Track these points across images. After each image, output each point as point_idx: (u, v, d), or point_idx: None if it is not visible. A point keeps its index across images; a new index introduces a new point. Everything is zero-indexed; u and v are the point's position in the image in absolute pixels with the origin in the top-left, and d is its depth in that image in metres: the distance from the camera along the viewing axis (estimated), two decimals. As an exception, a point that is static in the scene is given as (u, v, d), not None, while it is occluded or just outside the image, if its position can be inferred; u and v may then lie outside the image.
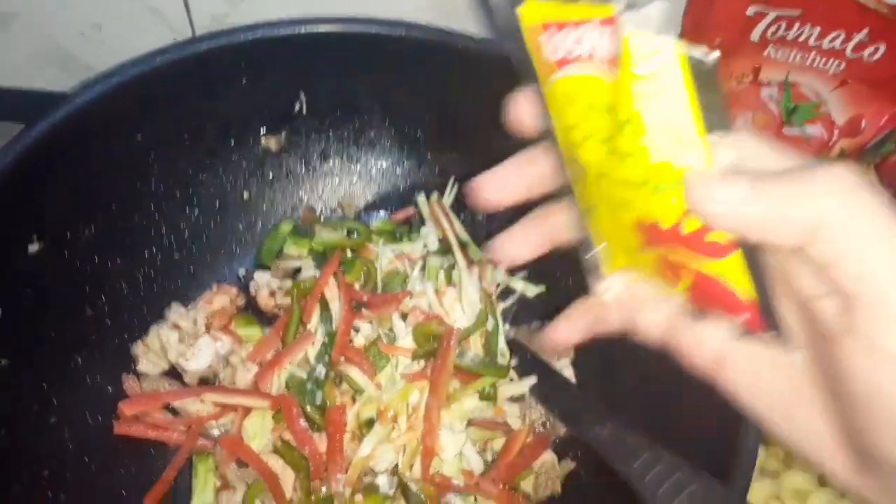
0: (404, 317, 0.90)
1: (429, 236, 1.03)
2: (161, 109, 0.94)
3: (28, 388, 0.84)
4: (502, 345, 0.90)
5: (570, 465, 0.88)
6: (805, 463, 0.93)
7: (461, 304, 0.89)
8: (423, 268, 0.96)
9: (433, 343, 0.85)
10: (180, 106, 0.96)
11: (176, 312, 0.96)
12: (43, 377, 0.86)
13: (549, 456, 0.89)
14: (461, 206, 1.08)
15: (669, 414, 0.79)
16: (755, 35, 1.08)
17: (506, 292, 1.00)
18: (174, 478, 0.89)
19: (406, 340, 0.86)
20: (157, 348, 0.94)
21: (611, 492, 0.81)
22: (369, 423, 0.85)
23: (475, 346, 0.88)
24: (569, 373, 0.94)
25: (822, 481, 0.91)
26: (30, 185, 0.83)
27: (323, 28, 0.95)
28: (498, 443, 0.90)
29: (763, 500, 0.92)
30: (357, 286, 0.99)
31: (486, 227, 1.07)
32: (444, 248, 1.00)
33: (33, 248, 0.86)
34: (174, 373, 0.97)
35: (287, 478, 0.87)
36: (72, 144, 0.86)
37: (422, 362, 0.86)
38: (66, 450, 0.85)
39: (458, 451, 0.83)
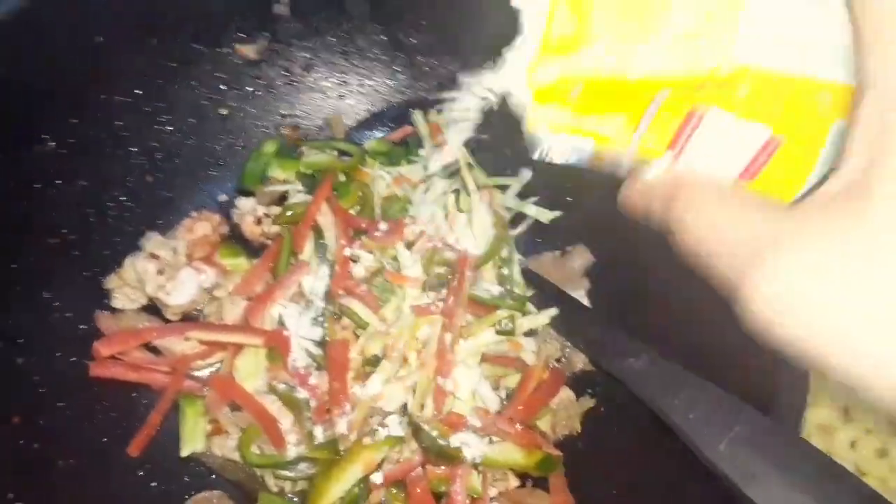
0: (409, 245, 0.83)
1: (430, 158, 0.95)
2: (124, 6, 0.84)
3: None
4: (517, 275, 0.84)
5: (589, 402, 0.84)
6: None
7: (472, 230, 0.82)
8: (426, 192, 0.88)
9: (444, 273, 0.79)
10: (145, 4, 0.86)
11: (153, 241, 0.88)
12: (5, 312, 0.78)
13: (566, 393, 0.85)
14: (464, 124, 1.00)
15: (705, 348, 0.75)
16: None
17: (516, 220, 0.94)
18: (160, 423, 0.83)
19: (414, 270, 0.80)
20: (133, 281, 0.86)
21: (634, 429, 0.78)
22: (375, 361, 0.79)
23: (489, 276, 0.82)
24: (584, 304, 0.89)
25: (848, 416, 0.89)
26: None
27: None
28: (510, 379, 0.85)
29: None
30: (353, 213, 0.92)
31: (492, 150, 1.00)
32: (447, 171, 0.93)
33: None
34: (153, 308, 0.89)
35: (285, 420, 0.81)
36: (20, 46, 0.76)
37: (431, 294, 0.80)
38: (37, 394, 0.78)
39: (472, 389, 0.78)
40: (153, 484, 0.81)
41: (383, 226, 0.86)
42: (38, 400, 0.77)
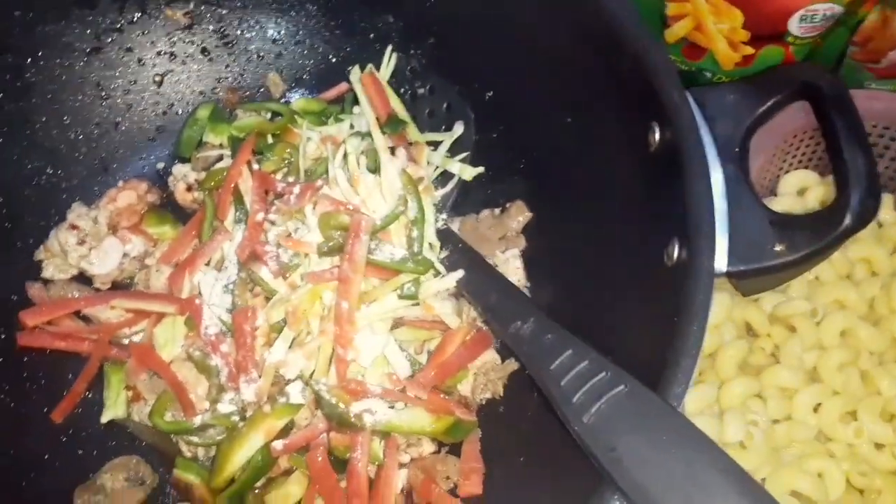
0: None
1: (360, 116, 0.90)
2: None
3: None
4: (431, 237, 0.79)
5: (513, 365, 0.80)
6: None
7: (381, 191, 0.77)
8: (346, 155, 0.84)
9: (341, 237, 0.75)
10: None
11: (75, 212, 0.88)
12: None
13: (490, 356, 0.80)
14: (401, 80, 0.95)
15: (617, 318, 0.69)
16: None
17: (448, 178, 0.89)
18: (85, 390, 0.84)
19: (314, 235, 0.76)
20: (59, 252, 0.86)
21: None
22: (281, 329, 0.76)
23: (397, 239, 0.77)
24: (517, 263, 0.84)
25: (813, 376, 0.81)
26: None
27: None
28: (437, 343, 0.81)
29: (742, 398, 0.81)
30: (280, 175, 0.89)
31: (429, 102, 0.94)
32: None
33: None
34: (85, 278, 0.89)
35: (201, 387, 0.80)
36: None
37: (330, 260, 0.76)
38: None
39: (378, 355, 0.74)
40: (76, 450, 0.81)
41: (297, 189, 0.82)
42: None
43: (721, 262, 0.60)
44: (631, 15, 0.71)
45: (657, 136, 0.66)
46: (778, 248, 0.61)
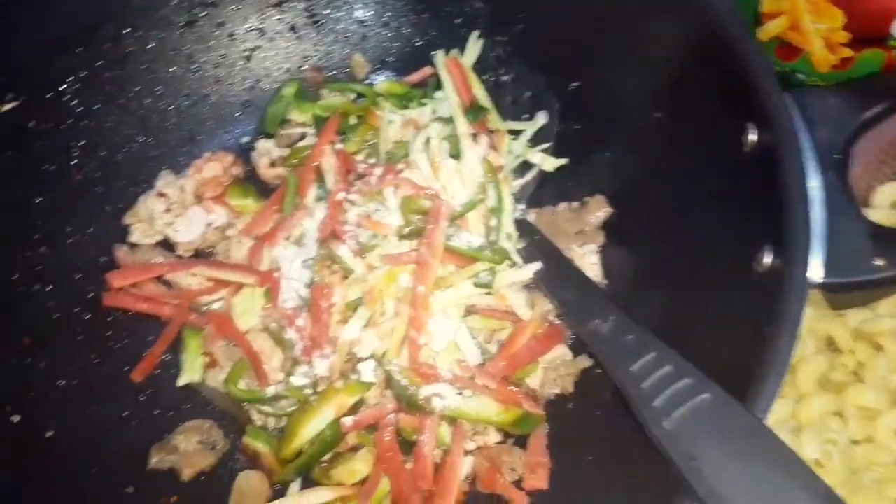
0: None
1: (443, 101, 0.90)
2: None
3: (10, 254, 0.81)
4: (509, 226, 0.79)
5: (585, 362, 0.79)
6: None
7: (461, 177, 0.77)
8: (428, 140, 0.84)
9: (421, 221, 0.75)
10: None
11: (163, 180, 0.90)
12: (28, 243, 0.83)
13: (562, 350, 0.80)
14: (485, 66, 0.94)
15: (697, 323, 0.67)
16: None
17: (528, 168, 0.88)
18: (163, 352, 0.86)
19: (393, 217, 0.76)
20: (146, 218, 0.89)
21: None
22: (357, 307, 0.77)
23: (475, 227, 0.77)
24: (593, 259, 0.83)
25: (897, 400, 0.77)
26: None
27: None
28: (506, 334, 0.81)
29: (820, 415, 0.78)
30: (362, 156, 0.89)
31: (512, 90, 0.93)
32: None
33: (7, 106, 0.81)
34: (170, 245, 0.92)
35: (276, 358, 0.82)
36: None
37: (409, 243, 0.76)
38: (50, 319, 0.83)
39: (450, 340, 0.75)
40: (153, 410, 0.84)
41: (378, 171, 0.82)
42: (49, 325, 0.82)
43: (816, 273, 0.58)
44: (731, 12, 0.69)
45: (753, 137, 0.64)
46: (878, 262, 0.59)
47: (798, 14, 0.89)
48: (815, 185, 0.62)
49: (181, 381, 0.84)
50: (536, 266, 0.76)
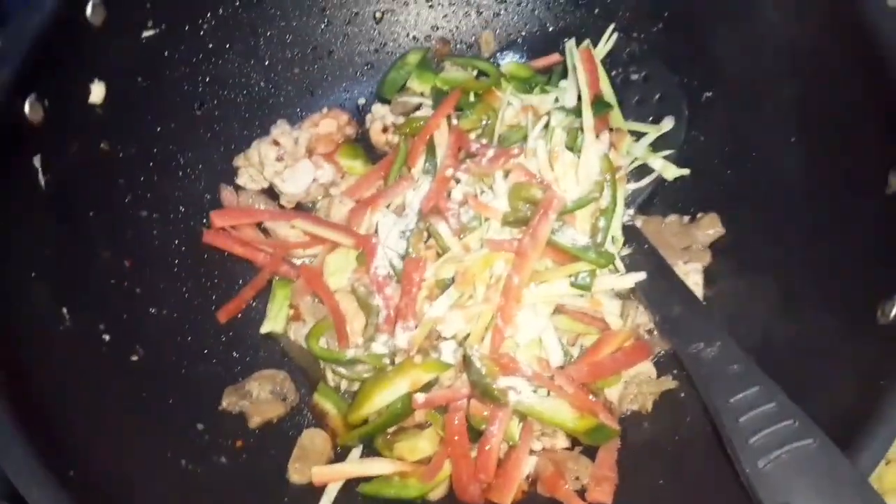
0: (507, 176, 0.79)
1: (567, 91, 0.89)
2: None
3: (125, 176, 0.84)
4: (616, 230, 0.77)
5: (669, 383, 0.77)
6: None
7: (576, 172, 0.76)
8: (548, 127, 0.83)
9: (528, 211, 0.74)
10: None
11: (279, 129, 0.92)
12: (142, 168, 0.87)
13: (646, 367, 0.78)
14: (616, 62, 0.92)
15: (806, 364, 0.64)
16: None
17: (643, 172, 0.86)
18: (252, 298, 0.89)
19: (499, 202, 0.76)
20: (256, 163, 0.91)
21: (707, 425, 0.69)
22: (447, 286, 0.78)
23: (581, 225, 0.76)
24: (696, 279, 0.80)
25: None
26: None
27: None
28: (591, 340, 0.80)
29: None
30: (474, 136, 0.89)
31: (640, 90, 0.91)
32: (581, 108, 0.86)
33: (147, 32, 0.84)
34: (273, 193, 0.95)
35: (358, 321, 0.83)
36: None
37: (512, 231, 0.76)
38: (153, 246, 0.86)
39: (535, 336, 0.74)
40: (232, 352, 0.87)
41: (491, 152, 0.82)
42: (150, 252, 0.86)
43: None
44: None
45: (902, 180, 0.61)
46: None
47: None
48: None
49: (264, 328, 0.87)
50: (640, 276, 0.74)
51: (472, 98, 0.92)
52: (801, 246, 0.71)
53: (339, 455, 0.80)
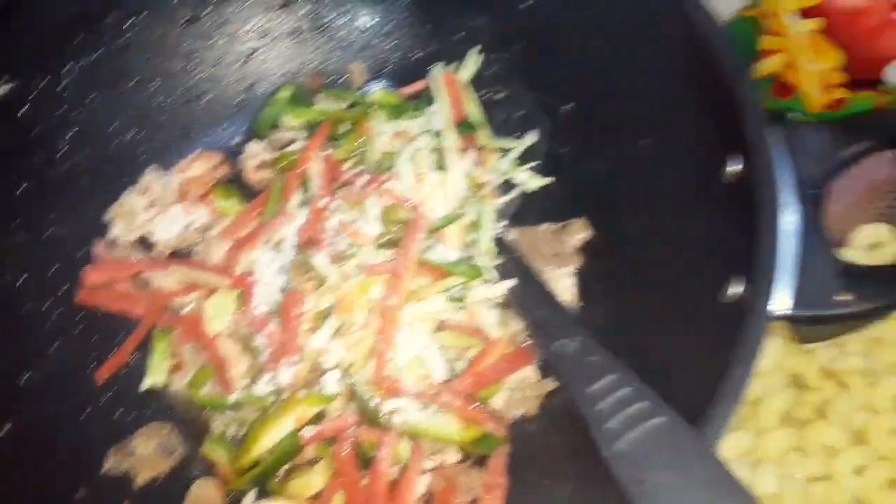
0: (379, 201, 0.81)
1: (435, 114, 0.92)
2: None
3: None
4: (487, 243, 0.80)
5: (550, 384, 0.80)
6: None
7: (444, 191, 0.79)
8: (416, 151, 0.86)
9: (399, 232, 0.76)
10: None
11: (148, 176, 0.92)
12: (8, 229, 0.85)
13: (528, 372, 0.80)
14: (480, 83, 0.96)
15: (664, 348, 0.68)
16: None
17: (513, 186, 0.90)
18: (132, 352, 0.88)
19: (373, 227, 0.78)
20: (127, 214, 0.91)
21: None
22: (328, 316, 0.78)
23: (452, 241, 0.78)
24: (569, 282, 0.84)
25: (860, 438, 0.78)
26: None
27: None
28: (476, 352, 0.81)
29: (782, 450, 0.80)
30: (349, 164, 0.91)
31: (505, 108, 0.95)
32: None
33: (2, 89, 0.83)
34: (147, 244, 0.94)
35: (242, 364, 0.83)
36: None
37: (390, 254, 0.78)
38: (20, 311, 0.84)
39: (417, 354, 0.76)
40: (115, 411, 0.85)
41: (362, 180, 0.84)
42: (18, 317, 0.83)
43: (785, 305, 0.59)
44: (724, 45, 0.71)
45: (733, 168, 0.65)
46: (844, 297, 0.59)
47: (796, 53, 0.91)
48: (791, 219, 0.63)
49: (145, 383, 0.85)
50: (510, 283, 0.77)
51: (345, 128, 0.95)
52: (655, 239, 0.75)
53: (233, 502, 0.79)
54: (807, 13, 0.89)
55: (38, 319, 0.85)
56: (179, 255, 0.94)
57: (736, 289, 0.60)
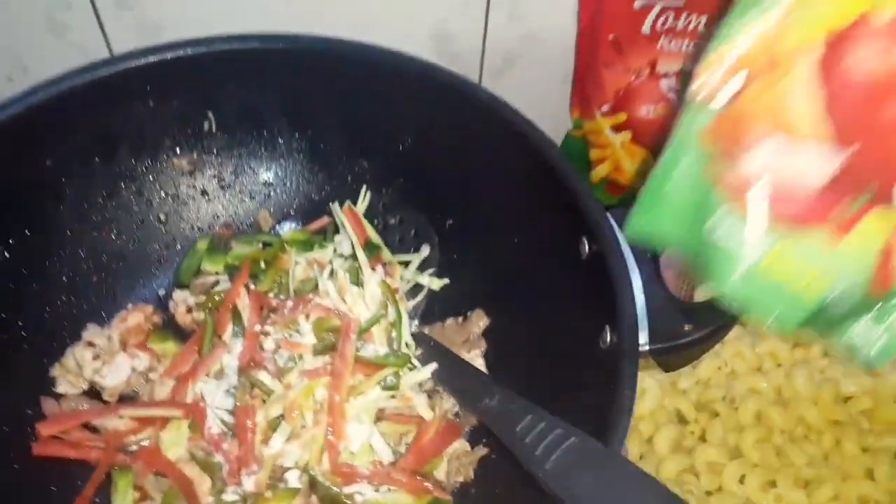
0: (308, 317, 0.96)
1: (342, 242, 1.09)
2: (69, 133, 1.01)
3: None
4: (407, 337, 0.96)
5: (482, 450, 0.94)
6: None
7: (364, 299, 0.95)
8: (333, 272, 1.02)
9: (334, 337, 0.91)
10: (88, 130, 1.03)
11: (90, 331, 1.01)
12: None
13: (460, 444, 0.94)
14: (374, 212, 1.15)
15: (561, 392, 0.85)
16: (646, 28, 1.16)
17: (417, 290, 1.07)
18: (93, 495, 0.94)
19: (308, 338, 0.92)
20: (74, 368, 0.99)
21: (522, 475, 0.87)
22: (279, 423, 0.90)
23: (378, 340, 0.93)
24: (479, 363, 1.00)
25: (736, 453, 0.97)
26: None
27: (222, 46, 1.02)
28: (412, 435, 0.95)
29: (677, 473, 0.97)
30: (272, 295, 1.05)
31: (399, 230, 1.14)
32: (356, 253, 1.06)
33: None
34: (94, 393, 1.02)
35: (204, 483, 0.91)
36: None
37: (323, 358, 0.92)
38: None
39: (365, 442, 0.88)
40: (83, 554, 0.90)
41: (290, 303, 0.98)
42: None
43: (644, 342, 0.79)
44: (561, 159, 0.93)
45: (587, 248, 0.86)
46: (687, 328, 0.80)
47: (619, 158, 1.17)
48: (636, 278, 0.84)
49: (114, 520, 0.92)
50: (433, 366, 0.92)
51: (263, 266, 1.09)
52: (540, 313, 0.94)
53: None
54: (618, 128, 1.16)
55: (-4, 478, 0.90)
56: (126, 399, 1.02)
57: (610, 337, 0.79)
